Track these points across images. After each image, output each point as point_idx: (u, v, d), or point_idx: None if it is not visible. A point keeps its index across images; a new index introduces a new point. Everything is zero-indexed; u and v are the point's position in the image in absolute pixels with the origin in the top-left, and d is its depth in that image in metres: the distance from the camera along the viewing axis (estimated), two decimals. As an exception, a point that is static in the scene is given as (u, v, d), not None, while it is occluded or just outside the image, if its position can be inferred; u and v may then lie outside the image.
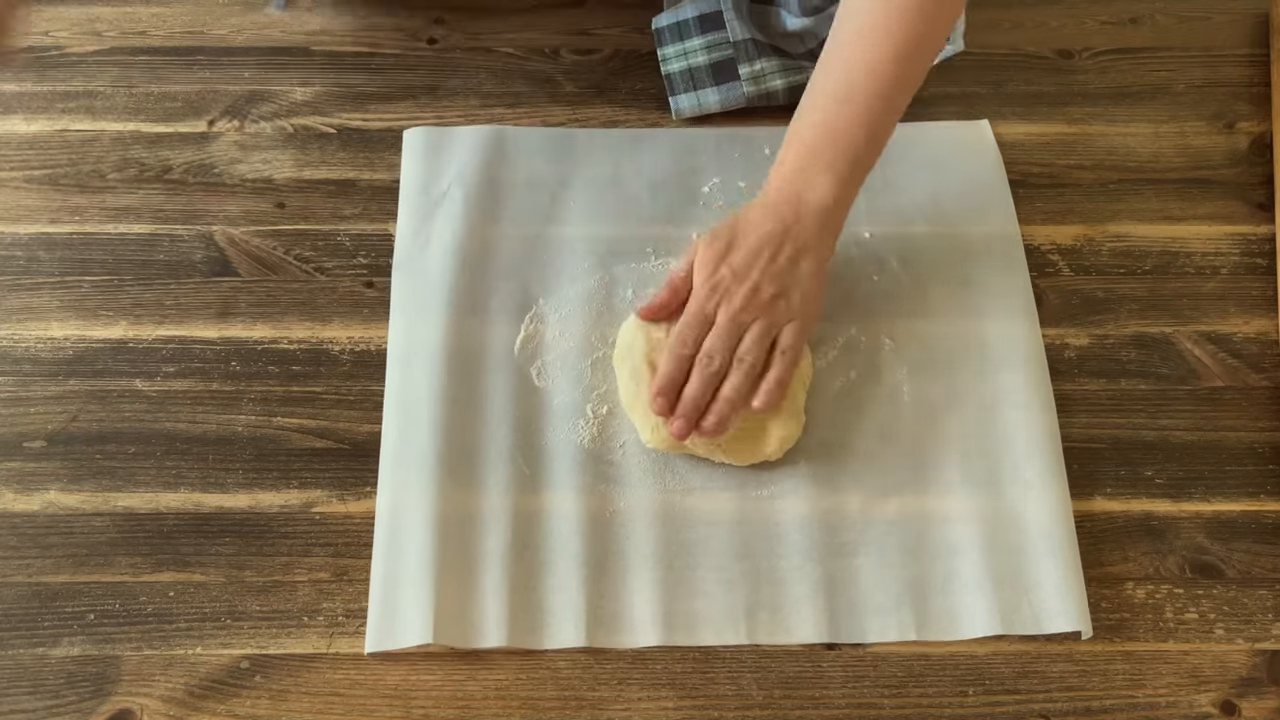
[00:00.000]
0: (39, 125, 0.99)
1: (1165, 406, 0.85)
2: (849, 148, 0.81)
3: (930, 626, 0.76)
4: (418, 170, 0.95)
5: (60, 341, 0.87)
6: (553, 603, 0.76)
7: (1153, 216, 0.95)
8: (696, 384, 0.79)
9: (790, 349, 0.80)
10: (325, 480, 0.81)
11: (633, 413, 0.81)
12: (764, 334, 0.80)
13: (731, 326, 0.79)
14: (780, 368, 0.79)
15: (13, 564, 0.78)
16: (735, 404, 0.79)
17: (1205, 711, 0.74)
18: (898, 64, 0.81)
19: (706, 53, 0.97)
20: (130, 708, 0.73)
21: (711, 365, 0.79)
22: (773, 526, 0.79)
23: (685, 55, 0.97)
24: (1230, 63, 1.05)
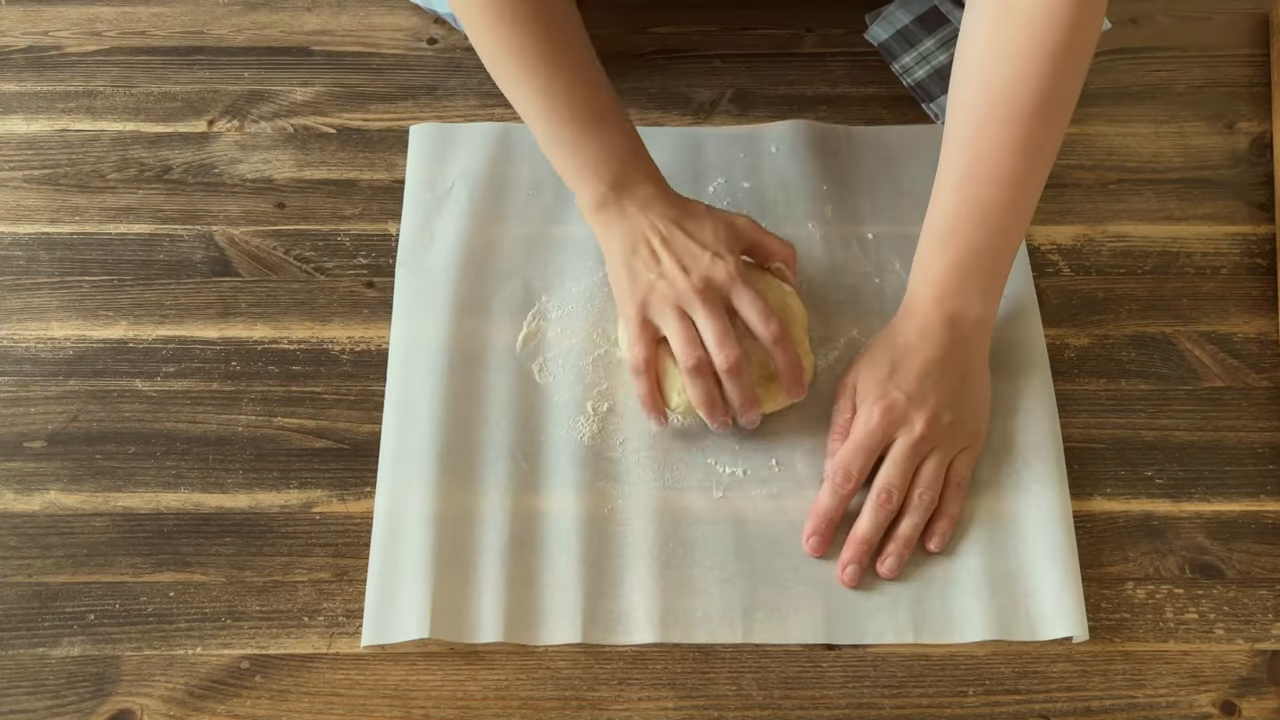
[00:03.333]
0: (39, 125, 0.99)
1: (1165, 406, 0.85)
2: (993, 256, 0.78)
3: (927, 629, 0.76)
4: (423, 167, 0.95)
5: (60, 341, 0.87)
6: (550, 599, 0.76)
7: (1153, 216, 0.95)
8: (870, 522, 0.76)
9: (965, 481, 0.78)
10: (325, 480, 0.81)
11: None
12: (942, 465, 0.77)
13: (911, 455, 0.76)
14: (955, 504, 0.77)
15: (13, 564, 0.78)
16: (912, 545, 0.76)
17: (1205, 711, 0.74)
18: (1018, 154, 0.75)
19: (945, 50, 0.96)
20: (130, 708, 0.73)
21: (890, 503, 0.76)
22: (771, 526, 0.79)
23: (925, 59, 0.96)
24: (1230, 63, 1.05)
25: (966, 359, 0.79)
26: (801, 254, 0.89)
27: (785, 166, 0.95)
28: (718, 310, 0.78)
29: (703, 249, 0.79)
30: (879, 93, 1.01)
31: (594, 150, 0.81)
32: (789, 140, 0.97)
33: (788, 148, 0.96)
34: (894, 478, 0.76)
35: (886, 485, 0.76)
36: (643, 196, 0.81)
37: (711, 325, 0.77)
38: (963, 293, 0.78)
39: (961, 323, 0.78)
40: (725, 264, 0.78)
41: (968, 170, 0.77)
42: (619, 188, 0.81)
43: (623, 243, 0.80)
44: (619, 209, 0.81)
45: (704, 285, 0.78)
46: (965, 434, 0.78)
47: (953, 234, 0.78)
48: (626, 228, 0.80)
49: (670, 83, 1.02)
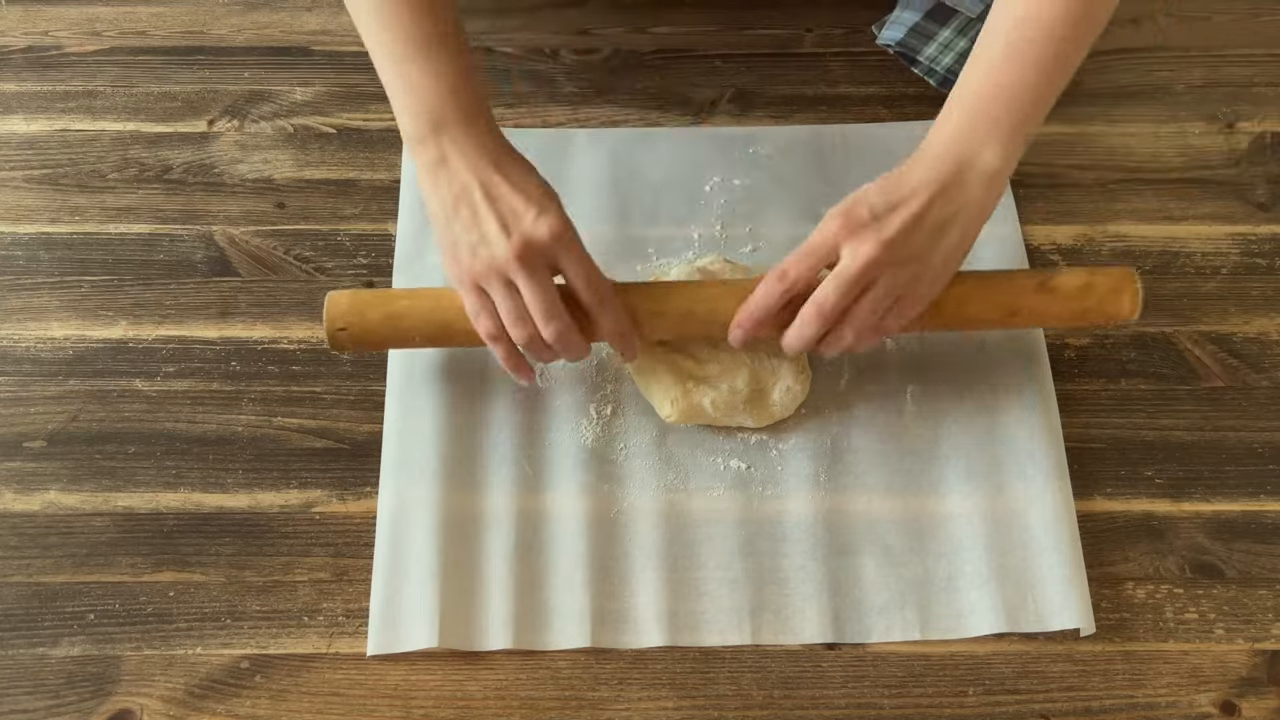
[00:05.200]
0: (39, 125, 0.99)
1: (1165, 406, 0.85)
2: (1017, 110, 0.73)
3: (934, 625, 0.76)
4: (417, 170, 0.95)
5: (60, 341, 0.87)
6: (557, 604, 0.76)
7: (1152, 216, 0.95)
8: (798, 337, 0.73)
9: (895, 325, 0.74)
10: (325, 480, 0.81)
11: (649, 389, 0.82)
12: (881, 300, 0.72)
13: (853, 278, 0.71)
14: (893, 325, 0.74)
15: (13, 564, 0.78)
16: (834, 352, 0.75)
17: (1205, 711, 0.74)
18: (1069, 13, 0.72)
19: (964, 36, 0.95)
20: (130, 708, 0.73)
21: (817, 319, 0.72)
22: (776, 526, 0.79)
23: (947, 47, 0.94)
24: (1230, 63, 1.04)
25: (959, 204, 0.72)
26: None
27: (781, 166, 0.95)
28: (539, 277, 0.72)
29: (527, 202, 0.73)
30: (879, 93, 1.01)
31: (416, 79, 0.74)
32: (785, 140, 0.97)
33: (783, 147, 0.96)
34: (828, 294, 0.71)
35: (819, 301, 0.72)
36: (464, 139, 0.74)
37: (534, 295, 0.72)
38: (971, 139, 0.73)
39: (967, 164, 0.72)
40: (549, 219, 0.72)
41: (1015, 26, 0.73)
42: (440, 125, 0.74)
43: (442, 198, 0.74)
44: (438, 152, 0.74)
45: (525, 249, 0.72)
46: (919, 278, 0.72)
47: (973, 82, 0.74)
48: (442, 178, 0.74)
49: (670, 83, 1.02)
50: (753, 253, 0.91)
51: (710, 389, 0.81)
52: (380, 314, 0.79)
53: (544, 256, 0.73)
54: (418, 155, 0.75)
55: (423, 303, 0.80)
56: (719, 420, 0.81)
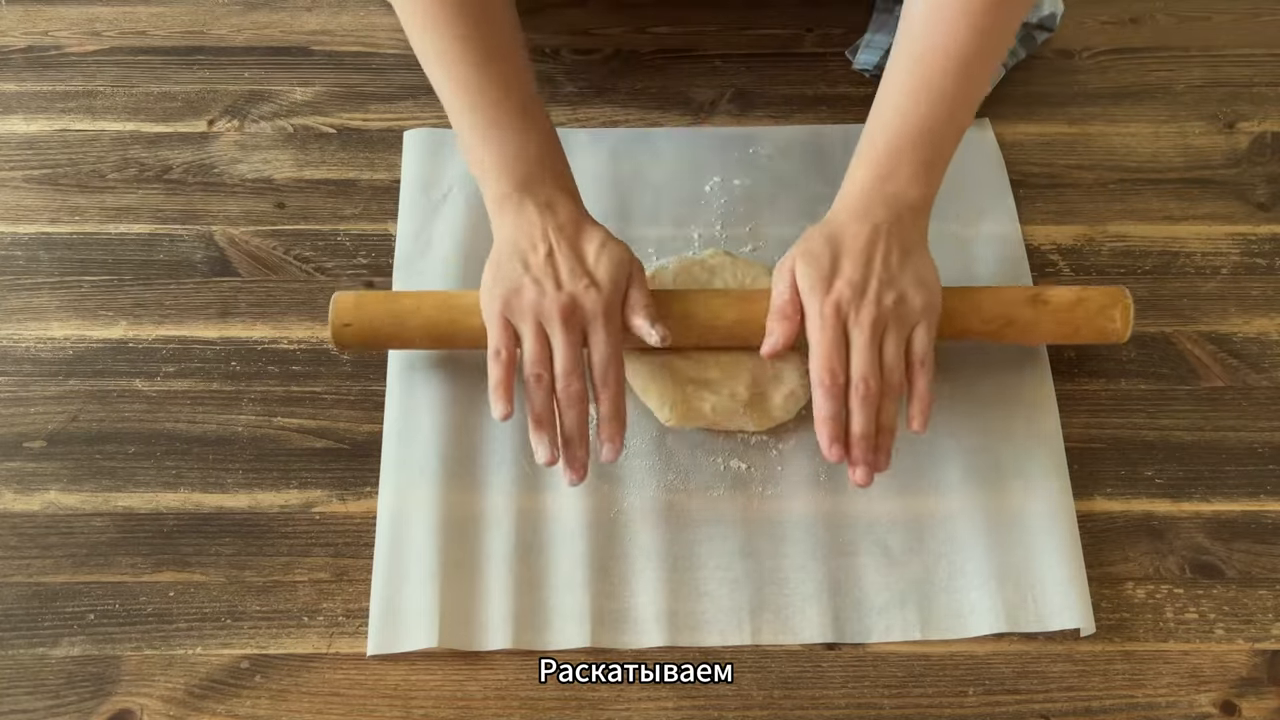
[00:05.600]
0: (39, 125, 0.99)
1: (1165, 406, 0.85)
2: (932, 141, 0.78)
3: (934, 625, 0.76)
4: (418, 171, 0.95)
5: (60, 341, 0.87)
6: (557, 604, 0.76)
7: (1153, 216, 0.95)
8: (862, 419, 0.74)
9: (927, 356, 0.76)
10: (325, 480, 0.81)
11: (646, 394, 0.81)
12: (901, 344, 0.75)
13: (872, 344, 0.74)
14: (924, 381, 0.76)
15: (13, 564, 0.78)
16: (894, 431, 0.75)
17: (1205, 711, 0.74)
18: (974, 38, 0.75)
19: None
20: (130, 708, 0.73)
21: (870, 390, 0.74)
22: (776, 526, 0.79)
23: None
24: (1230, 63, 1.05)
25: (904, 238, 0.77)
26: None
27: (780, 166, 0.95)
28: (573, 338, 0.75)
29: (583, 274, 0.76)
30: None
31: (505, 148, 0.78)
32: (784, 140, 0.97)
33: (783, 148, 0.96)
34: (863, 366, 0.74)
35: (862, 374, 0.74)
36: (546, 198, 0.78)
37: (563, 352, 0.75)
38: (900, 175, 0.77)
39: (897, 204, 0.77)
40: (598, 293, 0.75)
41: (920, 54, 0.77)
42: (524, 187, 0.78)
43: (511, 237, 0.77)
44: (519, 205, 0.78)
45: (570, 307, 0.75)
46: (913, 310, 0.76)
47: (900, 116, 0.77)
48: (521, 224, 0.78)
49: (670, 83, 1.02)
50: (753, 252, 0.91)
51: (710, 393, 0.81)
52: (385, 312, 0.80)
53: (583, 320, 0.75)
54: (498, 206, 0.79)
55: (429, 302, 0.81)
56: (719, 424, 0.81)
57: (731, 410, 0.80)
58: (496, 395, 0.75)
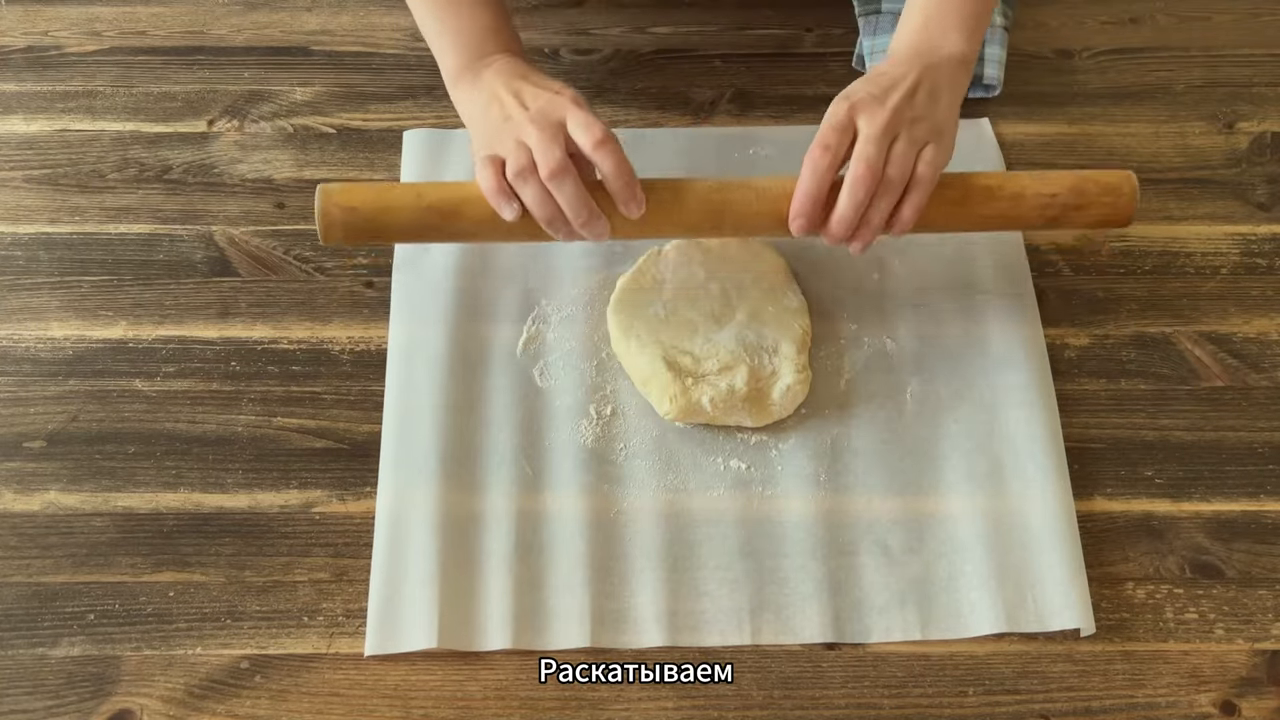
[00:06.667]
0: (39, 125, 0.99)
1: (1165, 406, 0.85)
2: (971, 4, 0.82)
3: (934, 626, 0.76)
4: (418, 171, 0.95)
5: (60, 341, 0.87)
6: (556, 604, 0.76)
7: (1152, 216, 0.95)
8: (852, 203, 0.75)
9: (931, 170, 0.76)
10: (325, 480, 0.81)
11: (648, 387, 0.82)
12: (910, 148, 0.76)
13: (880, 137, 0.75)
14: (920, 193, 0.76)
15: (13, 564, 0.78)
16: (879, 229, 0.77)
17: (1205, 711, 0.74)
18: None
19: None
20: (130, 708, 0.73)
21: (869, 178, 0.74)
22: (776, 525, 0.79)
23: None
24: (1230, 63, 1.05)
25: (938, 80, 0.79)
26: (800, 254, 0.89)
27: (781, 167, 0.95)
28: (547, 131, 0.76)
29: (546, 89, 0.80)
30: (879, 93, 1.01)
31: (455, 19, 0.85)
32: (785, 141, 0.97)
33: (784, 148, 0.96)
34: (869, 152, 0.75)
35: (864, 158, 0.75)
36: (498, 65, 0.83)
37: (538, 139, 0.75)
38: (935, 32, 0.81)
39: (938, 53, 0.80)
40: (561, 96, 0.78)
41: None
42: (479, 57, 0.84)
43: (474, 105, 0.83)
44: (474, 76, 0.84)
45: (540, 113, 0.77)
46: (929, 128, 0.77)
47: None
48: (478, 91, 0.83)
49: (670, 83, 1.02)
50: (753, 253, 0.91)
51: (709, 387, 0.81)
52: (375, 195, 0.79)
53: (556, 119, 0.77)
54: (457, 87, 0.85)
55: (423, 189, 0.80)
56: (718, 419, 0.81)
57: (730, 404, 0.80)
58: (497, 199, 0.76)
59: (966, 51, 0.81)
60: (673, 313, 0.85)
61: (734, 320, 0.85)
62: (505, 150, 0.76)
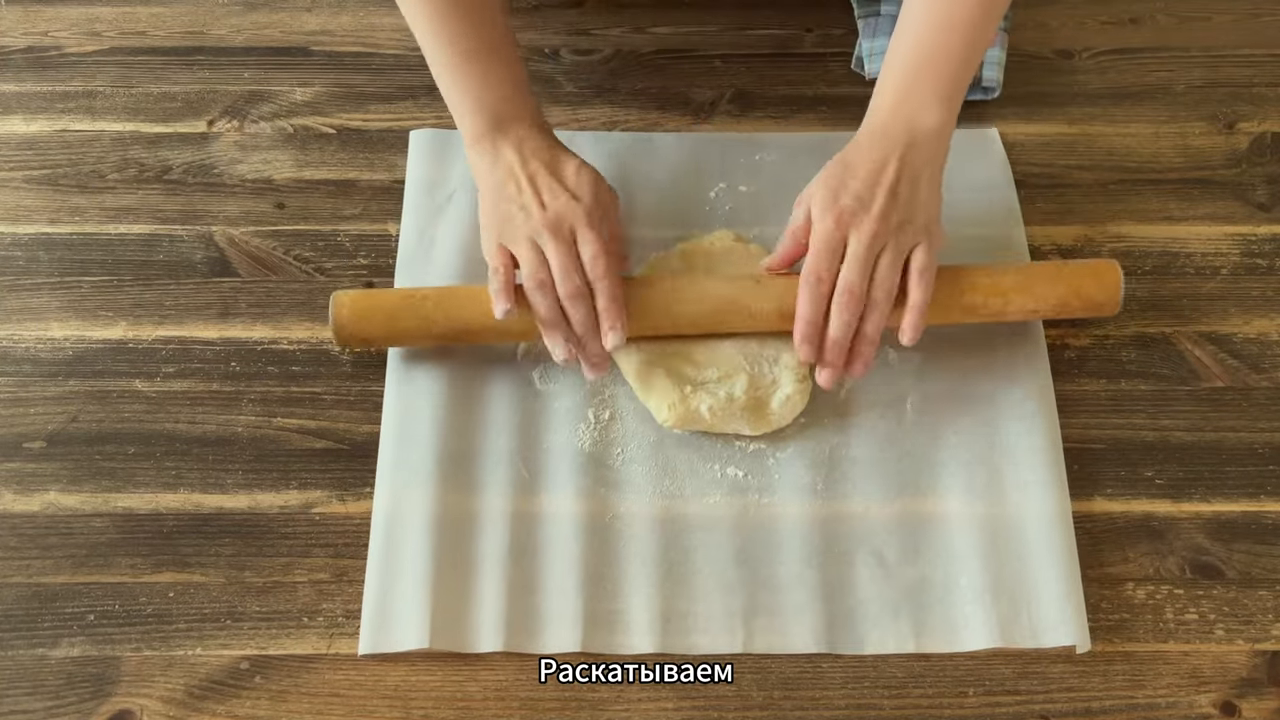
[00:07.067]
0: (39, 125, 0.99)
1: (1165, 406, 0.85)
2: (950, 70, 0.80)
3: (929, 638, 0.75)
4: (423, 172, 0.95)
5: (60, 342, 0.87)
6: (550, 607, 0.76)
7: (1153, 216, 0.95)
8: (839, 325, 0.77)
9: (926, 270, 0.78)
10: (325, 480, 0.81)
11: (647, 394, 0.81)
12: (897, 260, 0.77)
13: (866, 255, 0.77)
14: (921, 291, 0.78)
15: (12, 564, 0.78)
16: (877, 342, 0.78)
17: (1205, 712, 0.74)
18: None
19: None
20: (130, 708, 0.73)
21: (853, 300, 0.76)
22: (772, 533, 0.79)
23: None
24: (1230, 63, 1.05)
25: (917, 165, 0.79)
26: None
27: (786, 171, 0.95)
28: (565, 244, 0.78)
29: (563, 190, 0.80)
30: (879, 93, 1.01)
31: (476, 83, 0.83)
32: (790, 145, 0.97)
33: (789, 153, 0.96)
34: (852, 275, 0.76)
35: (847, 284, 0.76)
36: (518, 135, 0.83)
37: (558, 255, 0.78)
38: (921, 99, 0.80)
39: (915, 128, 0.79)
40: (580, 205, 0.80)
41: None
42: (497, 125, 0.83)
43: (492, 180, 0.82)
44: (493, 145, 0.83)
45: (556, 219, 0.79)
46: (915, 230, 0.78)
47: (916, 43, 0.81)
48: (498, 166, 0.82)
49: (670, 83, 1.02)
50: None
51: (708, 395, 0.80)
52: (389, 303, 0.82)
53: (570, 228, 0.79)
54: (475, 150, 0.84)
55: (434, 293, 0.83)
56: (716, 427, 0.81)
57: (729, 413, 0.80)
58: (498, 296, 0.79)
59: (946, 120, 0.80)
60: None
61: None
62: (520, 249, 0.79)
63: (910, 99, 0.80)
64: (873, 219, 0.77)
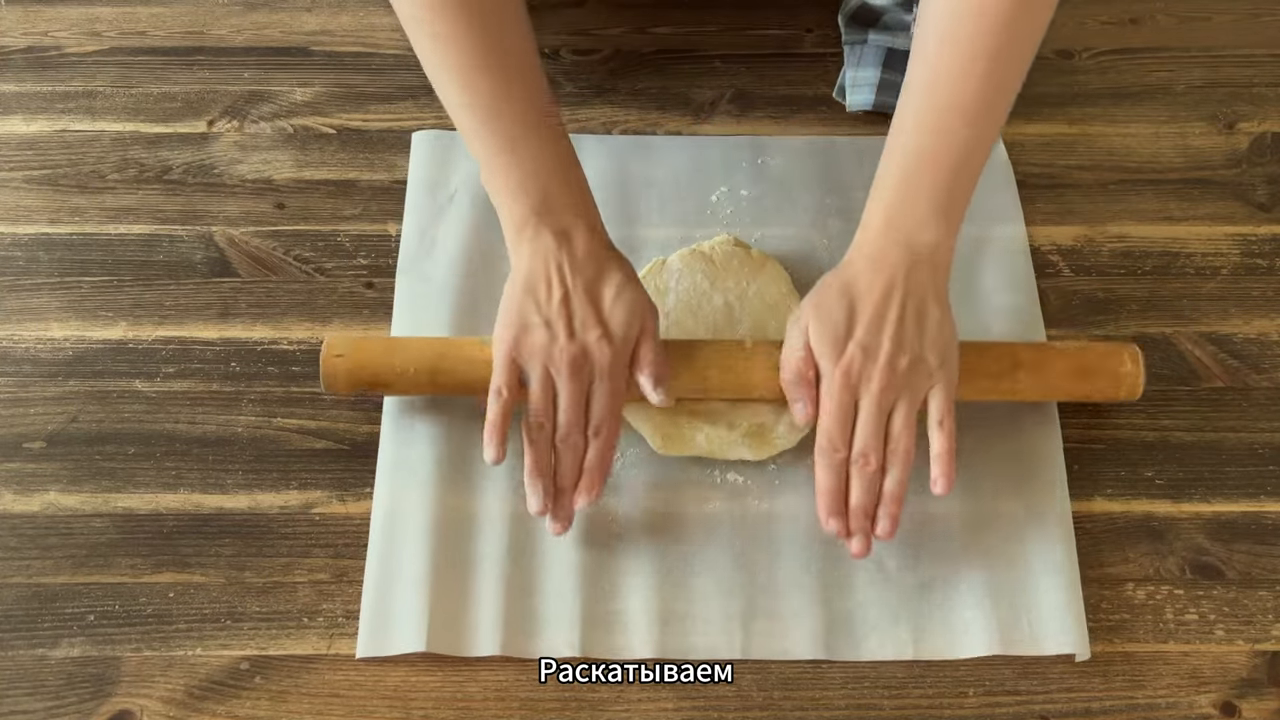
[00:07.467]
0: (39, 125, 0.99)
1: (1165, 406, 0.85)
2: (944, 180, 0.74)
3: (927, 645, 0.75)
4: (425, 173, 0.95)
5: (60, 342, 0.87)
6: (547, 611, 0.76)
7: (1153, 217, 0.95)
8: (861, 492, 0.73)
9: (946, 416, 0.74)
10: (325, 481, 0.81)
11: (640, 421, 0.81)
12: (912, 411, 0.74)
13: (879, 415, 0.73)
14: (943, 440, 0.74)
15: (12, 565, 0.78)
16: (901, 500, 0.74)
17: (1205, 712, 0.74)
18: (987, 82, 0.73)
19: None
20: (130, 709, 0.73)
21: (870, 465, 0.73)
22: (771, 539, 0.79)
23: None
24: (1230, 63, 1.04)
25: (921, 289, 0.74)
26: (805, 263, 0.89)
27: (788, 175, 0.95)
28: (579, 390, 0.75)
29: (596, 323, 0.75)
30: (879, 93, 1.01)
31: (521, 170, 0.76)
32: (792, 149, 0.97)
33: (791, 157, 0.96)
34: (866, 439, 0.73)
35: (862, 450, 0.73)
36: (564, 226, 0.76)
37: (568, 403, 0.75)
38: (915, 217, 0.74)
39: (915, 247, 0.74)
40: (609, 345, 0.75)
41: (929, 87, 0.74)
42: (542, 211, 0.76)
43: (527, 270, 0.76)
44: (535, 234, 0.76)
45: (579, 358, 0.75)
46: (927, 372, 0.74)
47: (910, 153, 0.75)
48: (537, 257, 0.76)
49: (670, 83, 1.02)
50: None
51: (705, 424, 0.80)
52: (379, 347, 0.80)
53: (590, 371, 0.75)
54: (515, 239, 0.77)
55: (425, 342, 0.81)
56: (715, 454, 0.80)
57: (728, 441, 0.80)
58: (490, 437, 0.75)
59: (946, 234, 0.75)
60: (675, 324, 0.85)
61: (736, 335, 0.84)
62: (532, 373, 0.75)
63: (905, 216, 0.74)
64: (881, 370, 0.73)
